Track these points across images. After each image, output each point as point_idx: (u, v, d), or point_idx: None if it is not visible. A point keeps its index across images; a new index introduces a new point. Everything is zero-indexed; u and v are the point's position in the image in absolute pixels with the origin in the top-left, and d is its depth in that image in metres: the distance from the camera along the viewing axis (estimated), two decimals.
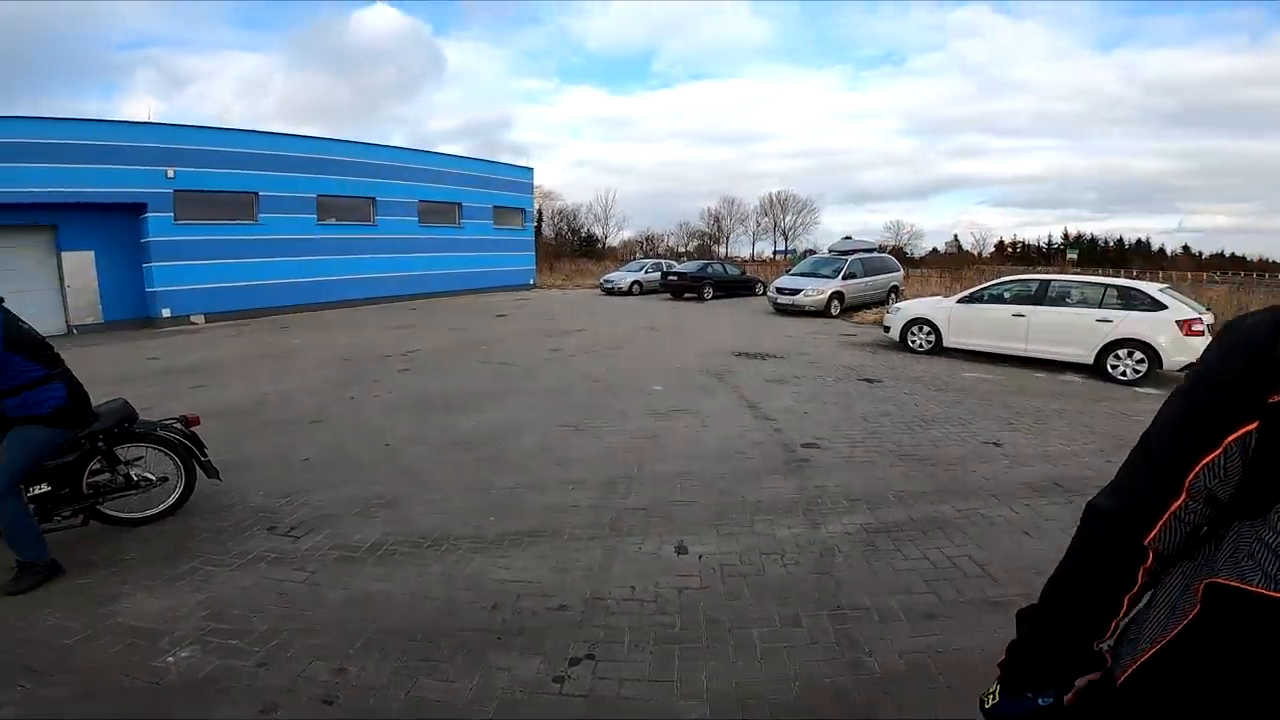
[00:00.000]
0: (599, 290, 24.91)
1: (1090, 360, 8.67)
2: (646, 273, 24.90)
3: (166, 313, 15.36)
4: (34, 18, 66.47)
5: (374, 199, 20.00)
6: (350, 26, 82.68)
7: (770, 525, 3.84)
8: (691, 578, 3.23)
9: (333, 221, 18.92)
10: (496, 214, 24.85)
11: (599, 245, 52.98)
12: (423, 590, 3.10)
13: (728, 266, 26.02)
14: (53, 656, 2.60)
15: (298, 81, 77.90)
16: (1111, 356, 8.48)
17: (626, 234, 59.09)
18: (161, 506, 3.92)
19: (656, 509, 4.09)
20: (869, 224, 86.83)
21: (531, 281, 27.10)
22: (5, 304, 3.03)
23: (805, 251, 50.42)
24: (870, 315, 15.42)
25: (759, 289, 23.02)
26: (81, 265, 14.60)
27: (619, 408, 6.79)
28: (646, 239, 58.30)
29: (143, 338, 13.27)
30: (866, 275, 17.13)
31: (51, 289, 14.13)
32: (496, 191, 24.77)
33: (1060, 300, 9.28)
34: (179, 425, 3.96)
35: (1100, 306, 8.74)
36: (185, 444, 3.92)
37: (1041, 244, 65.64)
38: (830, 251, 18.97)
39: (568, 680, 2.46)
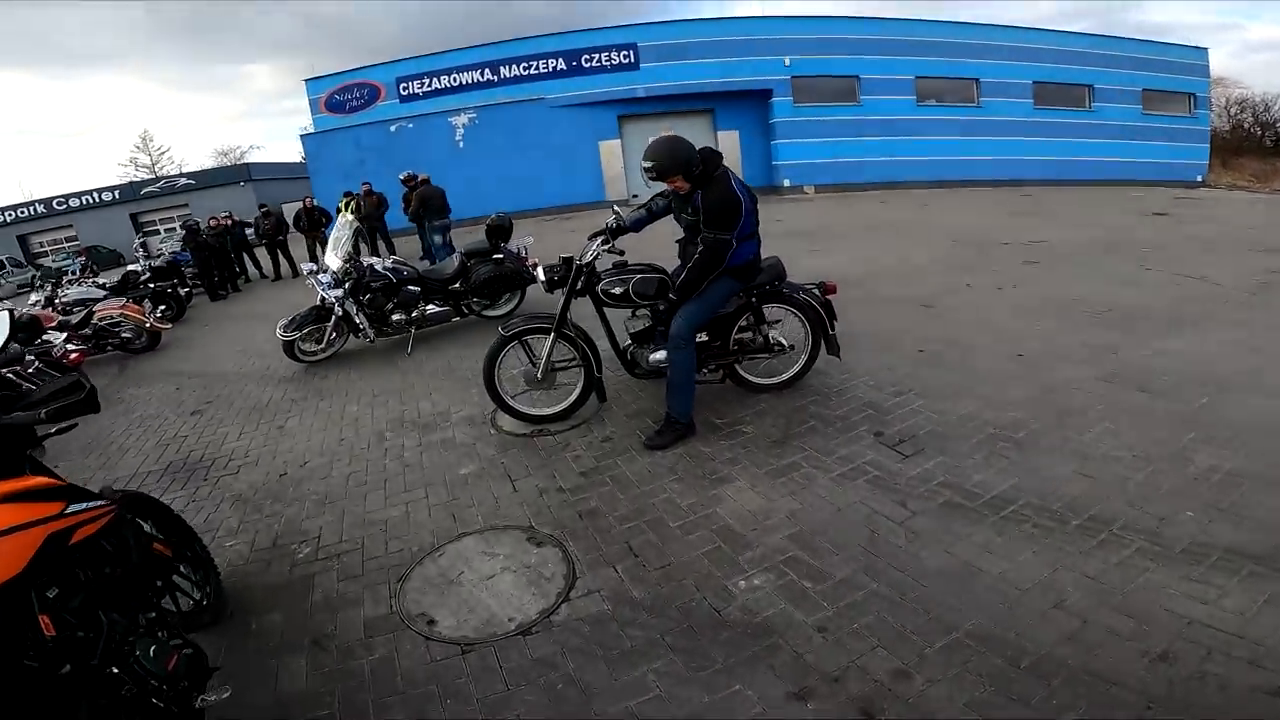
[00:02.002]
0: None
1: None
2: None
3: (786, 183, 17.39)
4: None
5: (977, 80, 18.14)
6: None
7: None
8: None
9: (932, 103, 18.12)
10: (1145, 98, 19.43)
11: None
12: (1055, 591, 1.99)
13: None
14: (653, 543, 2.44)
15: None
16: None
17: None
18: (784, 376, 3.61)
19: None
20: None
21: (1199, 178, 19.69)
22: None
23: None
24: None
25: None
26: (731, 142, 17.53)
27: None
28: None
29: (770, 203, 14.91)
30: None
31: None
32: (1146, 73, 19.50)
33: None
34: (816, 292, 3.47)
35: None
36: (819, 313, 3.42)
37: None
38: None
39: None
